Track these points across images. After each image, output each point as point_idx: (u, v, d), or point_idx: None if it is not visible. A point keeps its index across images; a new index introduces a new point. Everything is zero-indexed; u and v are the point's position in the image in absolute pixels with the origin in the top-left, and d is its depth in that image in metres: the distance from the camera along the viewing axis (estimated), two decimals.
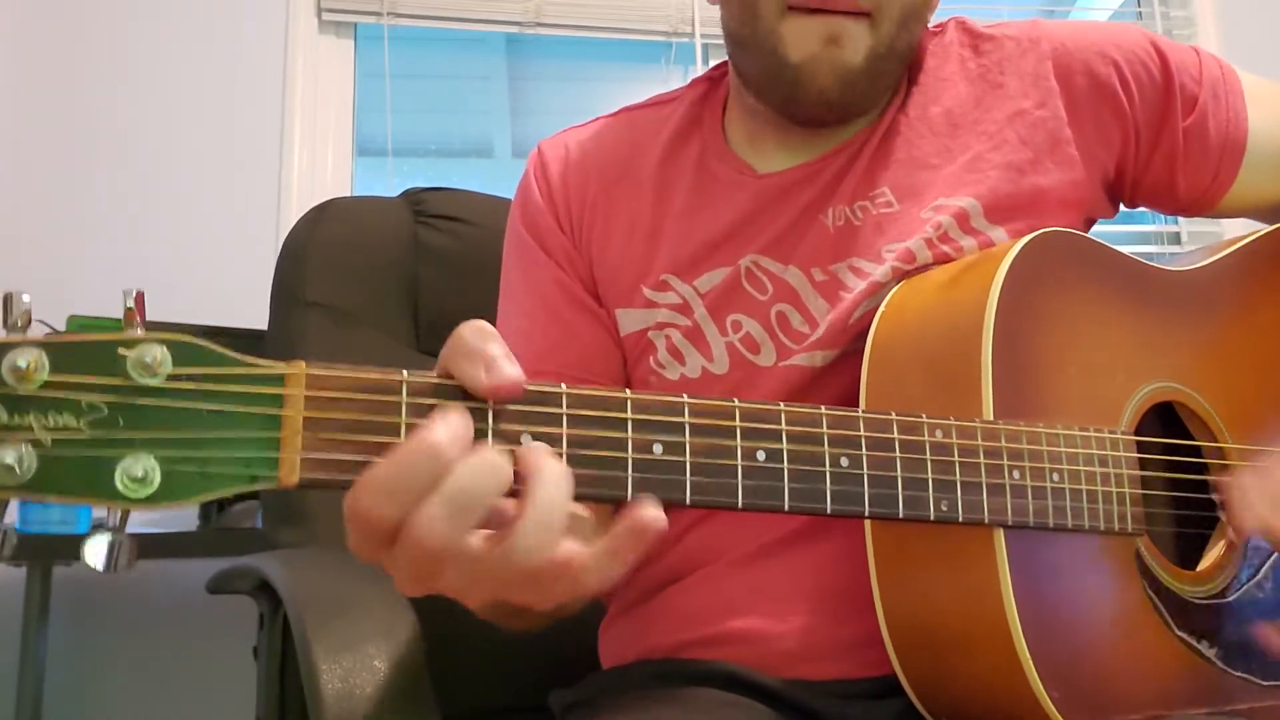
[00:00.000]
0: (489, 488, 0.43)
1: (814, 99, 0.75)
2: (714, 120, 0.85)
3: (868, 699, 0.69)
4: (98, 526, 0.42)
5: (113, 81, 2.05)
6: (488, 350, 0.45)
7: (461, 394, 0.46)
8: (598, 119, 0.90)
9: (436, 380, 0.46)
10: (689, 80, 0.90)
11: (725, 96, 0.86)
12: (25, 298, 0.41)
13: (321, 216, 1.11)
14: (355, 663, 0.66)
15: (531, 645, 0.84)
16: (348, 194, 2.13)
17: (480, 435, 0.45)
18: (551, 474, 0.45)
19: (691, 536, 0.76)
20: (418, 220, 1.14)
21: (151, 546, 1.64)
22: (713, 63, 2.36)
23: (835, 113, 0.77)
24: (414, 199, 1.17)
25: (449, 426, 0.43)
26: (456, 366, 0.46)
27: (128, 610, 1.89)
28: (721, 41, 0.82)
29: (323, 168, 2.15)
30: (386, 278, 1.11)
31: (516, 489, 0.45)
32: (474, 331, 0.46)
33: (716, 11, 0.80)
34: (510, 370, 0.45)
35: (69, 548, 1.53)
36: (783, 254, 0.77)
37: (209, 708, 1.83)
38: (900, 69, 0.79)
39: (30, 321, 0.41)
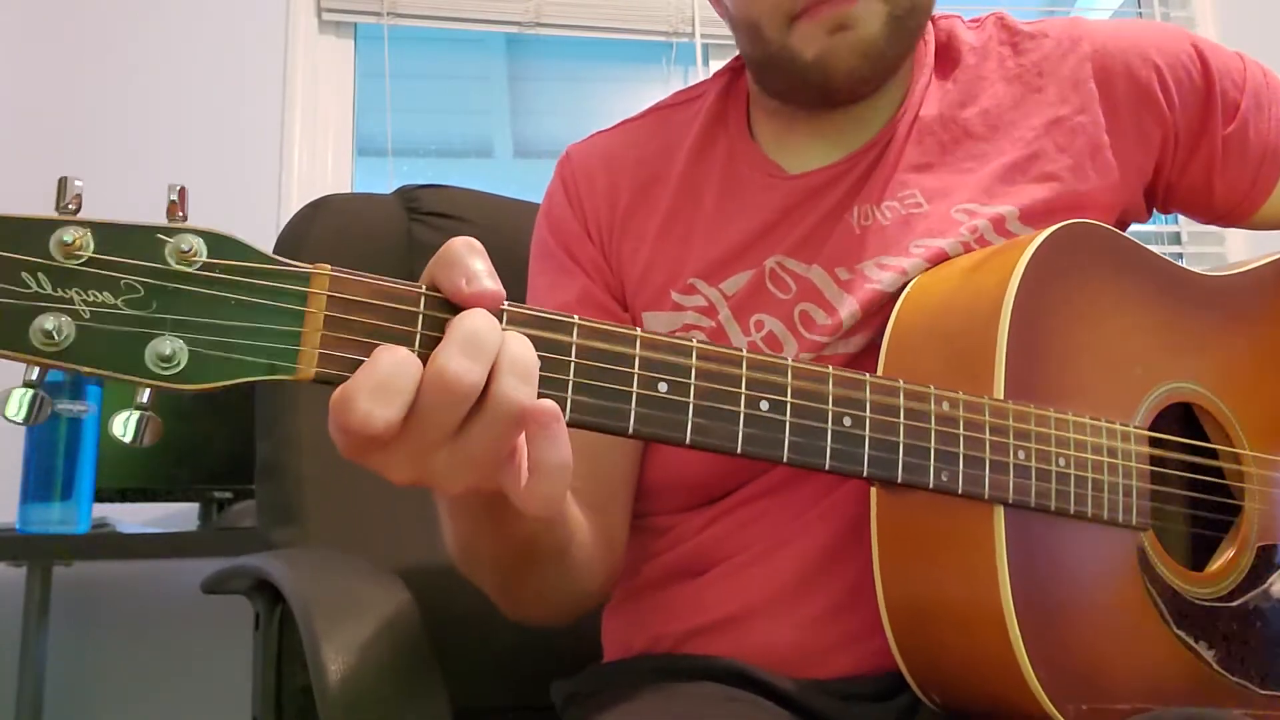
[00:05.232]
0: (489, 336, 0.45)
1: (843, 80, 0.75)
2: (739, 117, 0.84)
3: (871, 700, 0.69)
4: (128, 405, 0.44)
5: (113, 81, 2.05)
6: (471, 264, 0.47)
7: None
8: (628, 120, 0.90)
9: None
10: (689, 81, 0.90)
11: (748, 87, 0.86)
12: (78, 183, 0.43)
13: (316, 213, 1.10)
14: (365, 661, 0.66)
15: (534, 643, 0.84)
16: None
17: None
18: (516, 336, 0.47)
19: (706, 534, 0.76)
20: (412, 218, 1.13)
21: (151, 546, 1.65)
22: (713, 63, 2.36)
23: (870, 85, 0.77)
24: (408, 196, 1.16)
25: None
26: (442, 274, 0.47)
27: (127, 610, 1.89)
28: (722, 42, 0.82)
29: (323, 168, 2.15)
30: (380, 275, 1.10)
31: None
32: (464, 244, 0.48)
33: (716, 12, 0.80)
34: (490, 284, 0.47)
35: (69, 548, 1.53)
36: (807, 254, 0.76)
37: (208, 707, 1.83)
38: (922, 25, 0.78)
39: (81, 205, 0.43)
